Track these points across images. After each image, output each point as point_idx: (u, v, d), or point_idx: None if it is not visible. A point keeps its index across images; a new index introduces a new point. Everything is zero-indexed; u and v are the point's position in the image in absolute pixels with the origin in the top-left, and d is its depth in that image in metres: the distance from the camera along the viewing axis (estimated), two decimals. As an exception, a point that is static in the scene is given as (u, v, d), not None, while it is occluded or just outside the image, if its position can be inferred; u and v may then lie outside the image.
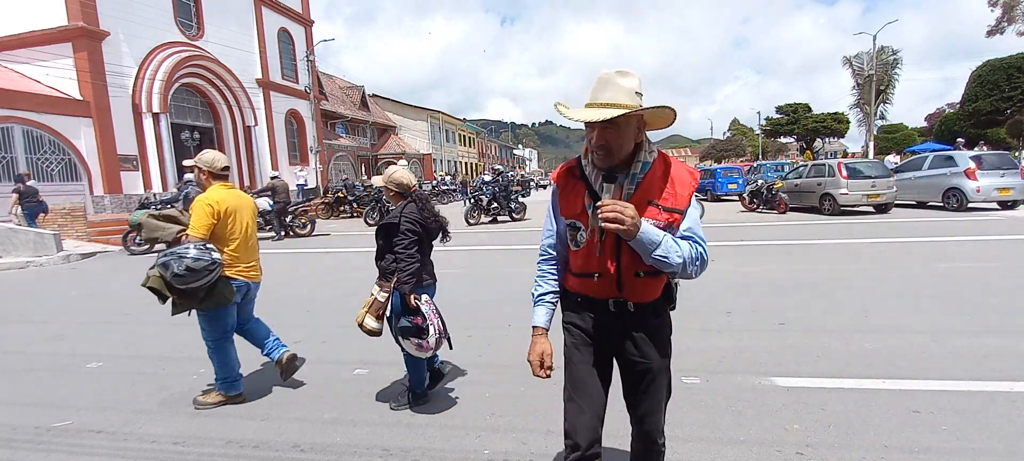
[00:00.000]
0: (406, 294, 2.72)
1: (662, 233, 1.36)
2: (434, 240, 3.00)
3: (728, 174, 20.03)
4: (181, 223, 2.96)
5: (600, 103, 1.36)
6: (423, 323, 2.72)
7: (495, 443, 2.51)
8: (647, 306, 1.52)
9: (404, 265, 2.71)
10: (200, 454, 2.55)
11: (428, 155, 41.59)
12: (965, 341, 3.58)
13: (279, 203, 12.65)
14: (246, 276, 3.14)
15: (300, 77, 25.39)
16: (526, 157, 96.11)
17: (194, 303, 2.87)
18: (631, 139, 1.41)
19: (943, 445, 2.31)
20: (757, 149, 54.29)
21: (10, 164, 13.68)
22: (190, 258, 2.70)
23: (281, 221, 12.62)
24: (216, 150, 3.26)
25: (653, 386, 1.57)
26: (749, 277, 6.01)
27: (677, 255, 1.37)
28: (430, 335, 2.71)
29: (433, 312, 2.79)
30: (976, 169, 12.07)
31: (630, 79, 1.37)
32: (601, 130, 1.38)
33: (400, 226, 2.75)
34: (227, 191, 3.07)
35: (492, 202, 14.00)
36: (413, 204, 2.85)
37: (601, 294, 1.52)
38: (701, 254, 1.42)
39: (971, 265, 6.18)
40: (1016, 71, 29.97)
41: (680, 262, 1.37)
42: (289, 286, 6.72)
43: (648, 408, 1.59)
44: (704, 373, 3.22)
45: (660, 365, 1.56)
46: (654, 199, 1.42)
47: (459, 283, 6.41)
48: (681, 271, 1.41)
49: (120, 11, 16.04)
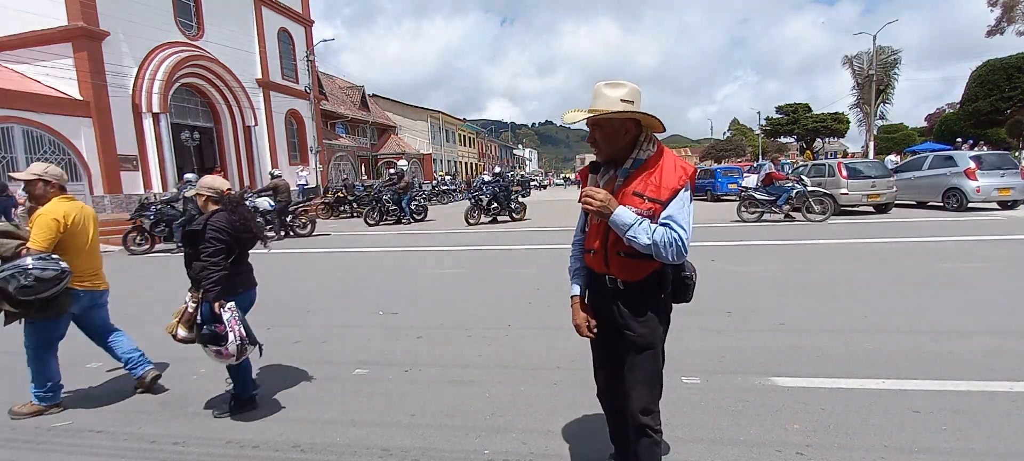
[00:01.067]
0: (211, 302, 2.70)
1: (635, 217, 1.57)
2: (252, 248, 2.99)
3: (728, 174, 20.03)
4: (20, 238, 2.93)
5: (589, 110, 1.64)
6: (223, 330, 2.69)
7: (495, 443, 2.51)
8: (633, 284, 1.72)
9: (209, 274, 2.68)
10: (200, 454, 2.55)
11: (428, 155, 41.59)
12: (965, 341, 3.58)
13: (280, 203, 12.65)
14: (91, 286, 3.14)
15: (300, 77, 25.40)
16: (526, 157, 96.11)
17: (31, 312, 2.84)
18: (620, 138, 1.66)
19: (943, 445, 2.31)
20: (757, 149, 54.27)
21: (10, 164, 13.68)
22: (37, 270, 2.71)
23: (281, 221, 12.62)
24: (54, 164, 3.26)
25: (636, 361, 1.74)
26: (749, 277, 6.01)
27: (647, 237, 1.55)
28: (229, 342, 2.69)
29: (235, 319, 2.75)
30: (976, 169, 12.08)
31: (618, 89, 1.61)
32: (591, 130, 1.69)
33: (205, 234, 2.73)
34: (70, 203, 3.06)
35: (492, 202, 13.99)
36: (223, 212, 2.81)
37: (597, 268, 1.79)
38: (675, 239, 1.55)
39: (971, 265, 6.18)
40: (1016, 71, 29.96)
41: (648, 243, 1.55)
42: (289, 286, 6.72)
43: (632, 381, 1.75)
44: (704, 373, 3.22)
45: (643, 341, 1.72)
46: (639, 190, 1.63)
47: (459, 283, 6.41)
48: (656, 253, 1.57)
49: (120, 11, 16.04)
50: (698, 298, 1.92)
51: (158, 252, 11.14)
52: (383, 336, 4.32)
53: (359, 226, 15.00)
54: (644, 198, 1.61)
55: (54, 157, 14.75)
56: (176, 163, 17.91)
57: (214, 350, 2.73)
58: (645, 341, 1.71)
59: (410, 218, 15.06)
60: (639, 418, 1.73)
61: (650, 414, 1.73)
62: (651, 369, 1.74)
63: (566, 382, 3.19)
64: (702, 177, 21.30)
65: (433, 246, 10.20)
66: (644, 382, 1.73)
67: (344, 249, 10.44)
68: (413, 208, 15.32)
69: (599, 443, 2.43)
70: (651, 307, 1.72)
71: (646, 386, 1.73)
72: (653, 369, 1.74)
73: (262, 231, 3.05)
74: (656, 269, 1.68)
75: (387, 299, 5.64)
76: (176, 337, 2.89)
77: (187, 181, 11.51)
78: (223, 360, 2.76)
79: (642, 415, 1.73)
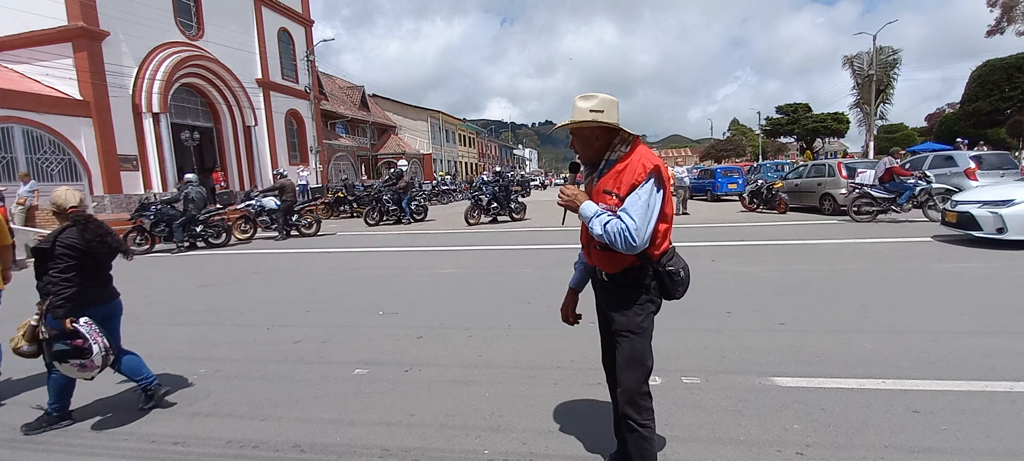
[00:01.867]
0: (61, 319, 2.66)
1: (595, 209, 1.75)
2: (112, 260, 2.96)
3: (728, 174, 20.02)
4: None
5: (566, 122, 1.84)
6: (84, 344, 2.66)
7: (495, 443, 2.51)
8: (614, 276, 1.86)
9: (58, 290, 2.65)
10: (200, 454, 2.55)
11: (428, 155, 41.59)
12: (965, 341, 3.58)
13: (285, 202, 12.66)
14: None
15: (300, 77, 25.40)
16: (526, 157, 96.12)
17: None
18: (591, 144, 1.84)
19: (943, 445, 2.31)
20: (757, 149, 54.27)
21: (10, 164, 13.68)
22: None
23: (286, 220, 12.64)
24: None
25: (620, 347, 1.87)
26: (749, 277, 6.01)
27: (600, 227, 1.71)
28: (95, 354, 2.67)
29: (95, 331, 2.72)
30: (976, 169, 12.07)
31: (589, 101, 1.78)
32: (572, 138, 1.89)
33: (54, 252, 2.69)
34: None
35: (492, 202, 13.98)
36: (74, 228, 2.76)
37: (588, 261, 2.02)
38: (623, 230, 1.67)
39: (971, 265, 6.18)
40: (1016, 71, 29.96)
41: (600, 234, 1.71)
42: (289, 286, 6.72)
43: (620, 369, 1.87)
44: (704, 373, 3.22)
45: (621, 327, 1.86)
46: (607, 187, 1.79)
47: (459, 283, 6.41)
48: (609, 243, 1.71)
49: (120, 11, 16.05)
50: (698, 298, 1.93)
51: (158, 252, 11.14)
52: (383, 336, 4.32)
53: (359, 226, 15.00)
54: (612, 194, 1.76)
55: (54, 157, 14.76)
56: (176, 163, 17.91)
57: (77, 364, 2.68)
58: (622, 327, 1.85)
59: (410, 218, 15.04)
60: (623, 407, 1.86)
61: (633, 404, 1.83)
62: (629, 353, 1.85)
63: (566, 382, 3.19)
64: (702, 177, 21.29)
65: (433, 246, 10.20)
66: (624, 366, 1.85)
67: (344, 249, 10.44)
68: (413, 208, 15.32)
69: (599, 443, 2.43)
70: (632, 298, 1.84)
71: (627, 370, 1.85)
72: (631, 353, 1.85)
73: (122, 244, 2.99)
74: (633, 263, 1.80)
75: (387, 299, 5.64)
76: (19, 351, 2.83)
77: (188, 181, 11.51)
78: (87, 373, 2.72)
79: (626, 404, 1.84)
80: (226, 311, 5.51)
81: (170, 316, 5.40)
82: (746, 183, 17.01)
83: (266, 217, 12.88)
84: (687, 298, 1.83)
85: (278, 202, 12.61)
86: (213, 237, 11.61)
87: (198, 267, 8.89)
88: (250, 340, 4.41)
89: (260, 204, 12.98)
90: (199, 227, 11.37)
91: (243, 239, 12.12)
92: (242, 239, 12.09)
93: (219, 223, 11.76)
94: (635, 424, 1.83)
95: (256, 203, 13.08)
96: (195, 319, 5.23)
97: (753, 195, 14.62)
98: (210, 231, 11.58)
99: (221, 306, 5.76)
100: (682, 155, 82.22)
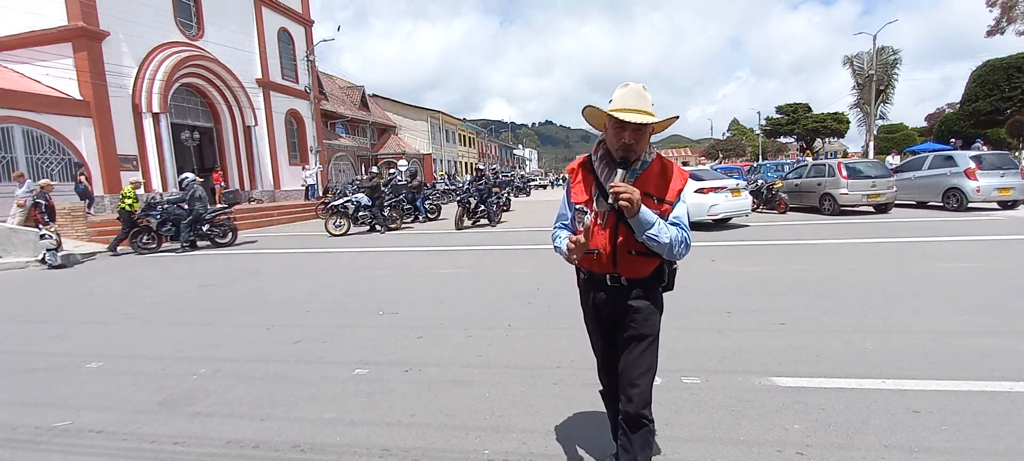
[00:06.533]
0: None
1: (655, 216, 1.66)
2: None
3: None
4: None
5: (637, 110, 1.65)
6: None
7: (495, 443, 2.51)
8: (638, 282, 1.79)
9: None
10: (200, 454, 2.55)
11: (428, 155, 41.58)
12: (965, 341, 3.58)
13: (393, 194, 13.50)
14: None
15: (300, 77, 25.38)
16: (526, 157, 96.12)
17: None
18: (646, 141, 1.72)
19: (943, 445, 2.31)
20: (757, 149, 54.27)
21: (10, 164, 13.68)
22: None
23: (375, 213, 13.08)
24: None
25: (642, 352, 1.80)
26: (749, 277, 6.00)
27: (666, 236, 1.65)
28: None
29: None
30: (976, 169, 12.08)
31: (649, 94, 1.70)
32: (634, 131, 1.66)
33: None
34: None
35: (480, 205, 13.56)
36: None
37: (600, 270, 1.81)
38: (685, 239, 1.70)
39: (971, 265, 6.18)
40: (1016, 71, 29.97)
41: (668, 242, 1.65)
42: (289, 286, 6.72)
43: (638, 373, 1.80)
44: (704, 373, 3.22)
45: (649, 332, 1.80)
46: (649, 191, 1.71)
47: (459, 283, 6.41)
48: (669, 251, 1.67)
49: (120, 11, 16.03)
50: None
51: (164, 252, 11.17)
52: (383, 336, 4.32)
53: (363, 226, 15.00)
54: (654, 199, 1.70)
55: (54, 157, 14.75)
56: (176, 163, 17.90)
57: None
58: (647, 330, 1.80)
59: (425, 217, 15.62)
60: (638, 409, 1.79)
61: (647, 405, 1.81)
62: (653, 360, 1.82)
63: (566, 382, 3.19)
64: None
65: (433, 246, 10.20)
66: (647, 373, 1.80)
67: (344, 249, 10.44)
68: (427, 207, 15.78)
69: (599, 443, 2.43)
70: (654, 301, 1.82)
71: (648, 377, 1.81)
72: (655, 359, 1.83)
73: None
74: (657, 265, 1.78)
75: (387, 299, 5.64)
76: None
77: (189, 181, 11.53)
78: None
79: (642, 407, 1.79)
80: (226, 311, 5.51)
81: (170, 316, 5.40)
82: (746, 183, 17.01)
83: (362, 212, 13.17)
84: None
85: (370, 199, 13.16)
86: (219, 236, 11.69)
87: (199, 267, 8.89)
88: (250, 340, 4.41)
89: (356, 200, 13.22)
90: (205, 226, 11.41)
91: (338, 234, 12.71)
92: (337, 234, 12.69)
93: (226, 222, 11.81)
94: (646, 420, 1.80)
95: (352, 199, 13.35)
96: (195, 319, 5.23)
97: (753, 195, 14.62)
98: (216, 230, 11.63)
99: (221, 306, 5.76)
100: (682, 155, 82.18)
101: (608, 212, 1.70)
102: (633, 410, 1.79)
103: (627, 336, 1.82)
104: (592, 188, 1.79)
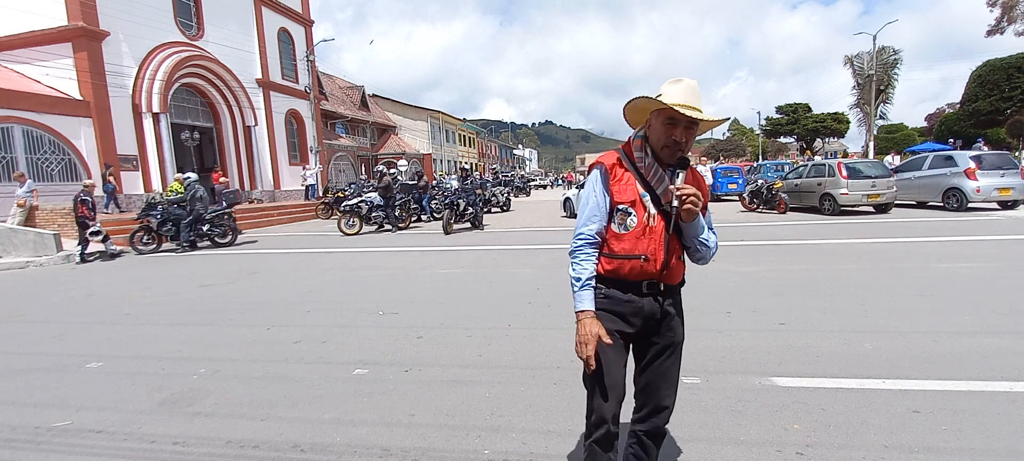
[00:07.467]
0: None
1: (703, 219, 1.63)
2: None
3: (728, 174, 20.01)
4: None
5: (695, 107, 1.53)
6: None
7: (495, 443, 2.51)
8: (674, 287, 1.71)
9: None
10: (200, 454, 2.55)
11: (428, 155, 41.58)
12: (965, 341, 3.58)
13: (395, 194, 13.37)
14: None
15: (300, 77, 25.37)
16: (526, 157, 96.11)
17: None
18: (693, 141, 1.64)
19: (943, 445, 2.31)
20: (757, 149, 54.27)
21: (10, 164, 13.67)
22: None
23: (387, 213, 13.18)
24: None
25: (674, 363, 1.70)
26: (749, 277, 6.01)
27: (713, 239, 1.67)
28: None
29: None
30: (976, 169, 12.07)
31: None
32: (686, 129, 1.56)
33: None
34: None
35: (468, 208, 13.19)
36: None
37: (641, 276, 1.61)
38: (717, 242, 1.71)
39: (971, 265, 6.18)
40: (1016, 71, 29.97)
41: (713, 246, 1.66)
42: (289, 286, 6.72)
43: (668, 387, 1.70)
44: (704, 373, 3.22)
45: (680, 338, 1.72)
46: None
47: (459, 283, 6.41)
48: (710, 254, 1.67)
49: (120, 11, 16.03)
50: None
51: (164, 252, 11.17)
52: (383, 336, 4.32)
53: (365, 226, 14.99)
54: None
55: (54, 157, 14.75)
56: (176, 163, 17.90)
57: None
58: (679, 338, 1.72)
59: (431, 216, 15.86)
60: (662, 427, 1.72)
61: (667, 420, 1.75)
62: (679, 367, 1.74)
63: (566, 382, 3.19)
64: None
65: (433, 246, 10.20)
66: (674, 383, 1.72)
67: (344, 249, 10.44)
68: (434, 207, 15.88)
69: (599, 443, 2.43)
70: (679, 306, 1.75)
71: (675, 387, 1.73)
72: (679, 368, 1.75)
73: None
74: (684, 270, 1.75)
75: (387, 299, 5.64)
76: None
77: (190, 182, 11.53)
78: None
79: (664, 425, 1.73)
80: (226, 311, 5.51)
81: (170, 316, 5.40)
82: (746, 183, 17.02)
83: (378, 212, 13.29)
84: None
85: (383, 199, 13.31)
86: (219, 236, 11.70)
87: (199, 267, 8.89)
88: (250, 340, 4.41)
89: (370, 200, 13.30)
90: (206, 226, 11.42)
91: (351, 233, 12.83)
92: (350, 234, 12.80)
93: (226, 222, 11.82)
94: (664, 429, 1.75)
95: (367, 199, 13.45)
96: (195, 319, 5.23)
97: (753, 195, 14.63)
98: (217, 230, 11.64)
99: (221, 306, 5.76)
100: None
101: (673, 214, 1.54)
102: (662, 426, 1.71)
103: (660, 345, 1.68)
104: (637, 185, 1.62)
